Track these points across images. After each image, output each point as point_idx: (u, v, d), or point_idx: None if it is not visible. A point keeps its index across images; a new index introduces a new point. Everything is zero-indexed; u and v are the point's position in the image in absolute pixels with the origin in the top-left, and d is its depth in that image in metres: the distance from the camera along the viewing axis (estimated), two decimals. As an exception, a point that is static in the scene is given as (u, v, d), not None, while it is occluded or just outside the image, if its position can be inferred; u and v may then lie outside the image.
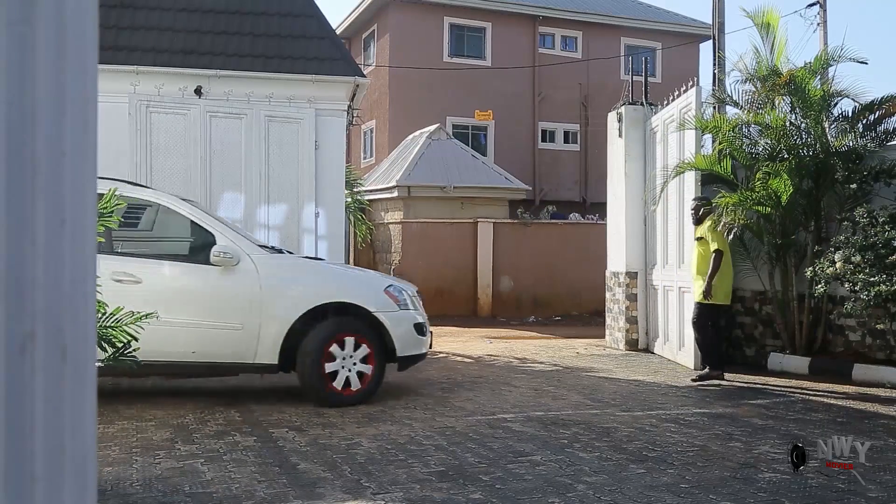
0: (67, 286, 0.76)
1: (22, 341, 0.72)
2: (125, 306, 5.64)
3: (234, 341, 6.54)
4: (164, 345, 6.27)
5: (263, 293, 6.58)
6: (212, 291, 6.59)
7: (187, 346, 6.45)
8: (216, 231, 6.68)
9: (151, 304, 5.91)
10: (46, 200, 0.74)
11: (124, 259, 6.44)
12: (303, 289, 6.77)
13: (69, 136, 0.77)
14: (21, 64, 0.73)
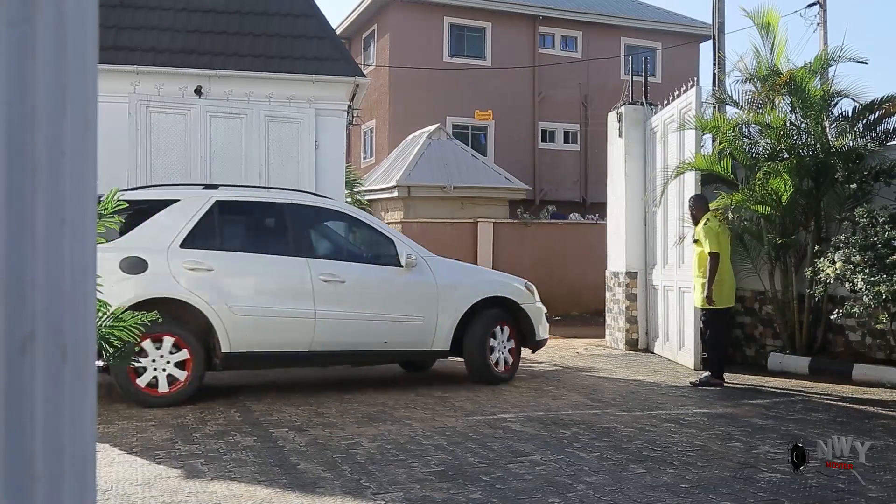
0: (67, 286, 0.76)
1: (22, 341, 0.72)
2: (332, 303, 7.00)
3: (417, 332, 7.49)
4: (362, 336, 7.24)
5: (439, 290, 7.58)
6: (399, 289, 7.49)
7: (380, 336, 7.32)
8: (394, 237, 7.74)
9: (353, 301, 7.17)
10: (46, 200, 0.74)
11: (330, 262, 7.30)
12: (467, 286, 7.84)
13: (69, 136, 0.76)
14: (21, 64, 0.73)
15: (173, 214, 6.78)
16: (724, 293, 7.91)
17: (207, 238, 6.84)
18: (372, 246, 7.82)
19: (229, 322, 6.67)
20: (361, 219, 7.90)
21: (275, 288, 7.04)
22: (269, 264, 7.04)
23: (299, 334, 6.97)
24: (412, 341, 7.52)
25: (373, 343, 7.33)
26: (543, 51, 25.03)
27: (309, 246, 7.28)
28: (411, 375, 8.59)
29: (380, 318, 7.29)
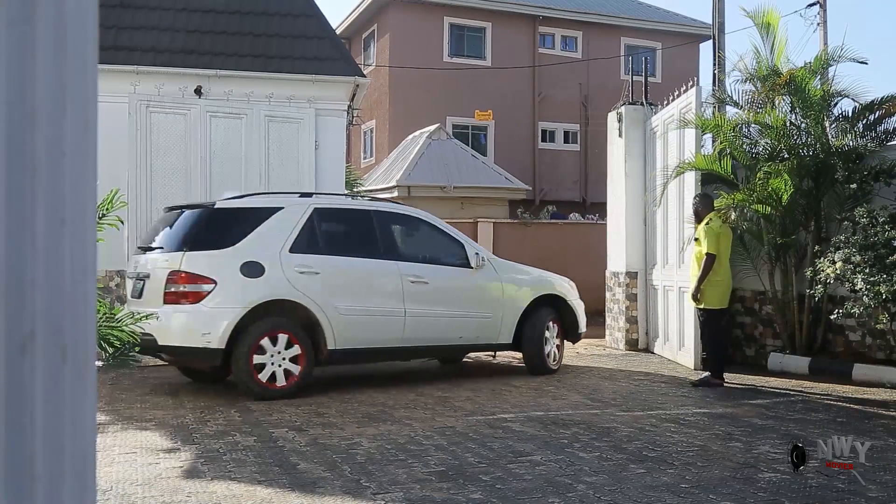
0: (67, 286, 0.76)
1: (22, 341, 0.72)
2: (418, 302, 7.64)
3: (486, 327, 8.15)
4: (442, 332, 7.89)
5: (503, 289, 8.29)
6: (471, 289, 8.15)
7: (456, 332, 7.99)
8: (464, 240, 8.36)
9: (435, 300, 7.82)
10: (46, 200, 0.74)
11: (415, 264, 7.85)
12: (526, 285, 8.54)
13: (69, 136, 0.76)
14: (21, 64, 0.73)
15: (280, 221, 7.22)
16: (719, 294, 7.90)
17: (310, 243, 7.30)
18: (445, 248, 8.30)
19: (335, 321, 7.16)
20: (435, 223, 8.37)
21: (372, 289, 7.57)
22: (365, 267, 7.58)
23: (391, 331, 7.54)
24: (482, 336, 8.20)
25: (450, 338, 8.01)
26: (543, 51, 25.03)
27: (396, 249, 7.86)
28: (411, 375, 8.59)
29: (456, 316, 7.97)
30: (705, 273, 7.77)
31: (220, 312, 6.77)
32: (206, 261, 6.87)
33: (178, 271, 6.80)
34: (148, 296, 7.00)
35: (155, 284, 6.95)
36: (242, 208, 7.33)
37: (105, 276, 9.15)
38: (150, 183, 9.34)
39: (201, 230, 7.09)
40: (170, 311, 6.83)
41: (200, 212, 7.28)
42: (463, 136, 23.15)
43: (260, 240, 7.06)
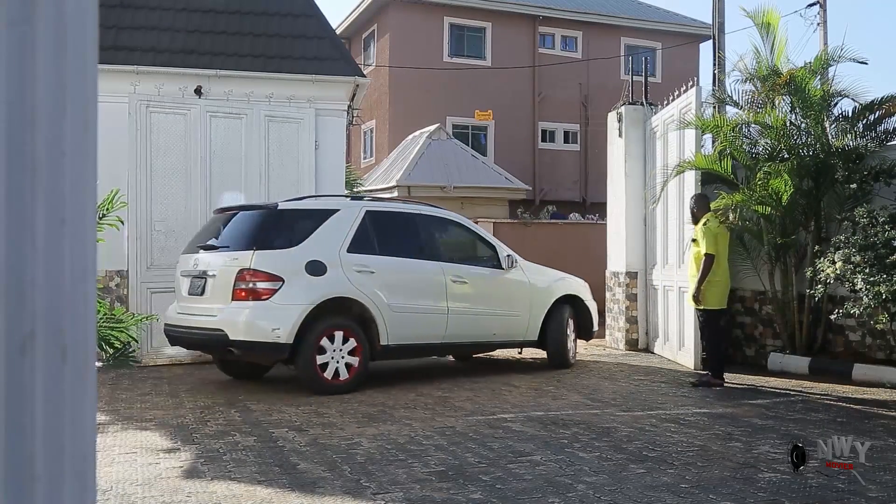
0: (67, 286, 0.76)
1: (22, 341, 0.72)
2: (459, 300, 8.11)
3: (516, 324, 8.67)
4: (479, 329, 8.35)
5: (531, 289, 8.80)
6: (503, 288, 8.62)
7: (491, 329, 8.47)
8: (495, 243, 8.90)
9: (473, 299, 8.33)
10: (46, 200, 0.74)
11: (455, 265, 8.31)
12: (550, 285, 9.08)
13: (69, 136, 0.76)
14: (21, 64, 0.73)
15: (337, 223, 7.59)
16: (718, 295, 7.89)
17: (364, 244, 7.66)
18: (479, 250, 8.83)
19: (388, 318, 7.54)
20: (470, 227, 8.89)
21: (420, 288, 7.95)
22: (414, 267, 7.99)
23: (436, 328, 7.97)
24: (512, 333, 8.70)
25: (486, 335, 8.49)
26: (543, 51, 25.02)
27: (438, 250, 8.28)
28: (411, 376, 8.59)
29: (491, 314, 8.48)
30: (705, 274, 7.76)
31: (289, 309, 7.05)
32: (274, 259, 7.15)
33: (248, 269, 7.05)
34: (213, 293, 7.24)
35: (222, 282, 7.18)
36: (303, 209, 7.75)
37: (105, 276, 9.14)
38: (150, 183, 9.33)
39: (266, 230, 7.39)
40: (239, 307, 7.05)
41: (265, 213, 7.56)
42: (463, 136, 23.14)
43: (321, 240, 7.40)
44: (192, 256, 7.65)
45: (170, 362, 9.23)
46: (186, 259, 7.77)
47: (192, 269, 7.57)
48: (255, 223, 7.47)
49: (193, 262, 7.56)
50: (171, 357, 9.29)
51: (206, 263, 7.41)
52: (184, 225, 9.43)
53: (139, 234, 9.25)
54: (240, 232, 7.51)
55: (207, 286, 7.32)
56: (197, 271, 7.46)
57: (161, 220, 9.36)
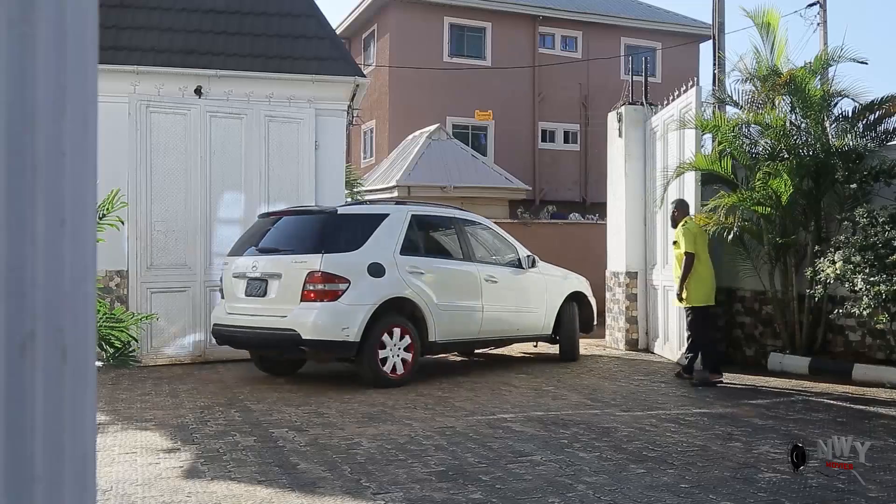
0: (67, 286, 0.76)
1: (22, 341, 0.72)
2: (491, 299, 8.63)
3: (534, 320, 9.30)
4: (506, 324, 8.94)
5: (546, 287, 9.45)
6: (525, 287, 9.21)
7: (516, 325, 9.10)
8: (516, 244, 9.47)
9: (502, 297, 8.83)
10: (46, 200, 0.74)
11: (486, 265, 8.86)
12: (562, 283, 9.76)
13: (69, 136, 0.76)
14: (21, 64, 0.73)
15: (389, 226, 8.04)
16: (703, 292, 8.06)
17: (413, 246, 8.17)
18: (503, 251, 9.39)
19: (436, 315, 8.05)
20: (495, 228, 9.55)
21: (461, 287, 8.47)
22: (455, 268, 8.56)
23: (473, 324, 8.50)
24: (532, 327, 9.33)
25: (511, 330, 9.08)
26: (543, 51, 25.01)
27: (472, 252, 8.81)
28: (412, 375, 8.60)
29: (516, 311, 9.08)
30: (686, 271, 8.02)
31: (356, 309, 7.46)
32: (341, 262, 7.51)
33: (317, 272, 7.39)
34: (279, 294, 7.55)
35: (289, 284, 7.50)
36: (359, 214, 8.22)
37: (105, 276, 9.14)
38: (150, 183, 9.33)
39: (330, 234, 7.73)
40: (309, 307, 7.39)
41: (326, 217, 7.91)
42: (463, 136, 23.13)
43: (378, 243, 7.84)
44: (249, 259, 7.90)
45: (170, 362, 9.23)
46: (239, 261, 8.02)
47: (249, 271, 7.83)
48: (317, 227, 7.82)
49: (252, 265, 7.81)
50: (171, 357, 9.29)
51: (268, 266, 7.70)
52: (184, 225, 9.43)
53: (139, 234, 9.24)
54: (301, 235, 7.87)
55: (270, 288, 7.64)
56: (257, 273, 7.75)
57: (161, 220, 9.36)
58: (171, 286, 9.38)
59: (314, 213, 8.10)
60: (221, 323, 8.07)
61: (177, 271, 9.40)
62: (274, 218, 8.29)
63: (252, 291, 7.78)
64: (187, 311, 9.40)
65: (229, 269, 8.14)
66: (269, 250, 7.85)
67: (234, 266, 8.05)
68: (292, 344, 7.44)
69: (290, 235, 7.99)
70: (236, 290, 7.96)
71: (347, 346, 7.45)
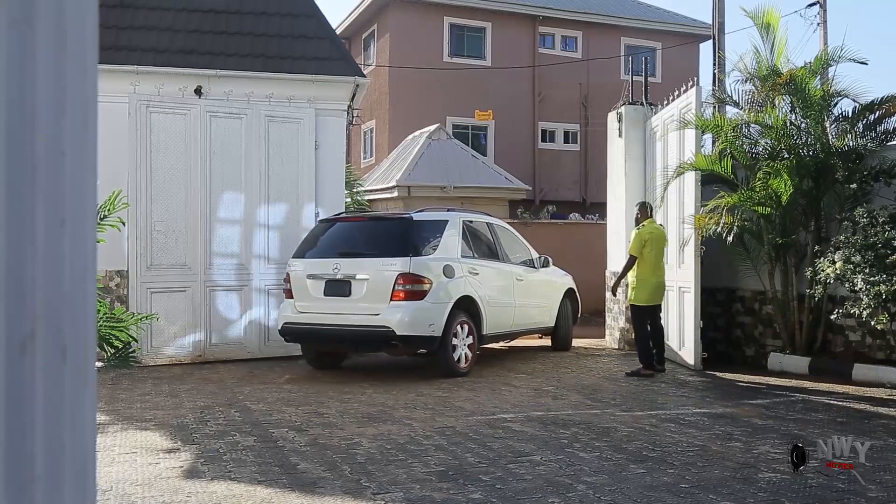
0: (67, 286, 0.76)
1: (22, 341, 0.72)
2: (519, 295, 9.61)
3: (546, 313, 10.44)
4: (528, 318, 9.94)
5: (552, 284, 10.63)
6: (539, 284, 10.29)
7: (534, 318, 10.14)
8: (528, 247, 10.43)
9: (527, 294, 9.81)
10: (46, 200, 0.74)
11: (514, 266, 9.80)
12: (561, 280, 10.91)
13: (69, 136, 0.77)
14: (21, 64, 0.73)
15: (451, 232, 8.79)
16: (645, 293, 8.67)
17: (467, 250, 8.96)
18: (521, 252, 10.25)
19: (487, 311, 8.84)
20: (514, 233, 10.51)
21: (502, 286, 9.39)
22: (497, 268, 9.39)
23: (508, 319, 9.42)
24: (543, 320, 10.39)
25: (530, 322, 10.06)
26: (543, 51, 25.01)
27: (504, 254, 9.72)
28: (411, 376, 8.59)
29: (534, 305, 10.10)
30: (624, 271, 8.97)
31: (438, 307, 8.16)
32: (425, 264, 8.21)
33: (407, 273, 8.04)
34: (366, 294, 8.15)
35: (378, 284, 8.10)
36: (430, 220, 8.84)
37: (105, 276, 9.14)
38: (150, 183, 9.33)
39: (412, 239, 8.39)
40: (400, 306, 8.02)
41: (406, 223, 8.55)
42: (463, 136, 23.13)
43: (446, 246, 8.61)
44: (328, 261, 8.40)
45: (170, 362, 9.23)
46: (313, 263, 8.51)
47: (329, 273, 8.32)
48: (399, 232, 8.47)
49: (333, 267, 8.30)
50: (171, 357, 9.29)
51: (353, 268, 8.25)
52: (184, 225, 9.43)
53: (139, 234, 9.24)
54: (384, 240, 8.51)
55: (355, 288, 8.21)
56: (340, 275, 8.26)
57: (161, 220, 9.35)
58: (171, 286, 9.37)
59: (394, 220, 8.90)
60: (293, 321, 8.48)
61: (177, 271, 9.40)
62: (343, 223, 8.97)
63: (333, 291, 8.29)
64: (187, 311, 9.40)
65: (300, 271, 8.55)
66: (351, 253, 8.41)
67: (307, 267, 8.50)
68: (385, 339, 8.08)
69: (371, 240, 8.59)
70: (312, 291, 8.42)
71: (432, 341, 8.13)
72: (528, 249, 10.33)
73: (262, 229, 9.74)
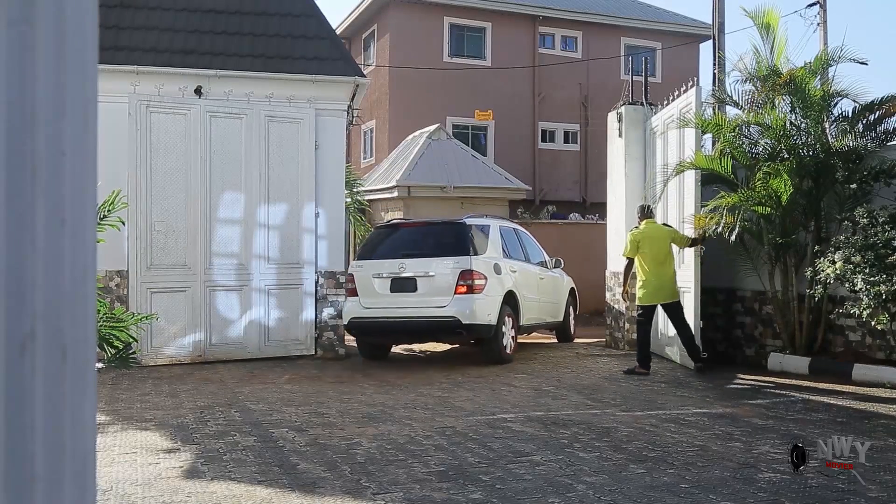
0: (67, 286, 0.76)
1: (22, 341, 0.72)
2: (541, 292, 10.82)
3: (556, 309, 11.56)
4: (547, 313, 11.18)
5: (561, 283, 11.87)
6: (553, 282, 11.52)
7: (551, 312, 11.32)
8: (542, 250, 11.67)
9: (545, 291, 11.03)
10: (46, 200, 0.74)
11: (537, 266, 11.03)
12: (566, 280, 12.11)
13: (69, 136, 0.77)
14: (21, 64, 0.73)
15: (493, 234, 10.11)
16: (643, 292, 8.88)
17: (505, 250, 10.18)
18: (537, 253, 11.42)
19: (523, 305, 10.08)
20: (531, 236, 11.76)
21: (531, 283, 10.58)
22: (526, 267, 10.59)
23: (536, 313, 10.68)
24: (556, 315, 11.57)
25: (548, 316, 11.26)
26: (543, 51, 25.00)
27: (528, 255, 10.94)
28: (411, 375, 8.59)
29: (551, 301, 11.34)
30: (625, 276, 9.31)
31: (493, 300, 9.34)
32: (482, 263, 9.38)
33: (469, 270, 9.17)
34: (431, 289, 9.24)
35: (443, 281, 9.23)
36: (479, 224, 10.05)
37: (105, 276, 9.14)
38: (150, 183, 9.33)
39: (469, 240, 9.48)
40: (463, 299, 9.13)
41: (461, 227, 9.70)
42: (463, 136, 23.12)
43: (493, 247, 9.88)
44: (393, 261, 9.46)
45: (170, 362, 9.23)
46: (378, 263, 9.54)
47: (395, 272, 9.39)
48: (458, 235, 9.57)
49: (399, 266, 9.39)
50: (171, 357, 9.29)
51: (419, 266, 9.34)
52: (184, 225, 9.43)
53: (139, 234, 9.24)
54: (444, 242, 9.60)
55: (420, 284, 9.28)
56: (407, 273, 9.33)
57: (161, 220, 9.35)
58: (171, 286, 9.38)
59: (450, 224, 9.99)
60: (360, 316, 9.41)
61: (177, 271, 9.40)
62: (406, 227, 10.33)
63: (399, 288, 9.35)
64: (187, 311, 9.41)
65: (365, 271, 9.56)
66: (415, 254, 9.48)
67: (372, 268, 9.52)
68: (451, 328, 9.17)
69: (431, 242, 9.71)
70: (378, 288, 9.43)
71: (489, 329, 9.26)
72: (541, 252, 11.44)
73: (262, 229, 9.74)
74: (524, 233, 11.47)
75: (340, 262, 10.22)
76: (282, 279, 9.81)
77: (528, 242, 11.21)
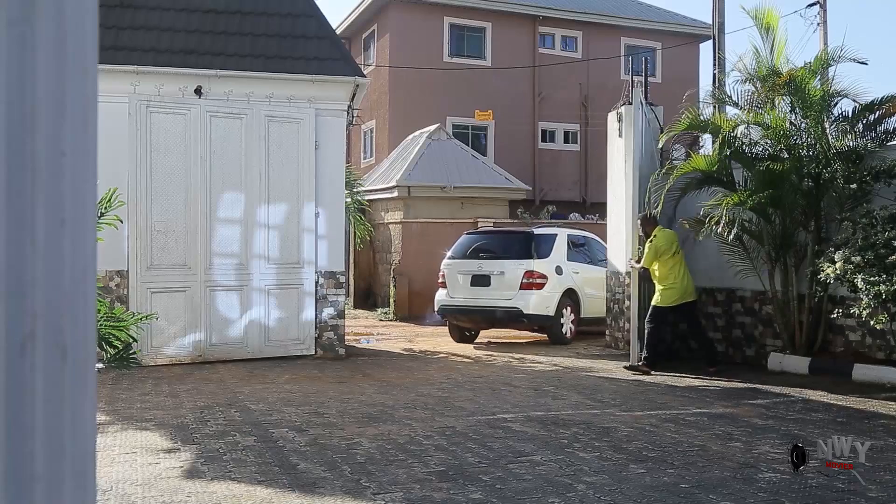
0: (67, 286, 0.76)
1: (22, 341, 0.72)
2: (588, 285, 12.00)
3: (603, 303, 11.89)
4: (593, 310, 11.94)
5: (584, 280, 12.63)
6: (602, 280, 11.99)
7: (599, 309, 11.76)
8: None
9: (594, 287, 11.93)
10: (46, 200, 0.74)
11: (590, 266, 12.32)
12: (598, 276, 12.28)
13: (69, 136, 0.77)
14: (21, 64, 0.73)
15: (559, 241, 12.05)
16: (671, 296, 9.00)
17: (569, 255, 12.04)
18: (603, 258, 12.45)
19: (583, 300, 11.92)
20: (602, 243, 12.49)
21: (588, 281, 12.02)
22: (585, 268, 12.20)
23: (588, 307, 11.99)
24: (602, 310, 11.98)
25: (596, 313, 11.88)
26: (543, 51, 25.01)
27: (594, 259, 12.41)
28: (411, 375, 8.59)
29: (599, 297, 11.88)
30: None
31: (552, 295, 11.42)
32: (544, 265, 11.51)
33: (532, 271, 11.34)
34: (501, 285, 11.39)
35: (511, 278, 11.37)
36: (545, 234, 12.22)
37: (105, 276, 9.14)
38: (150, 183, 9.32)
39: (534, 246, 11.66)
40: (526, 293, 11.24)
41: (529, 235, 12.00)
42: (463, 136, 23.13)
43: (556, 252, 11.86)
44: (473, 261, 11.78)
45: (170, 362, 9.23)
46: (464, 262, 11.87)
47: (474, 269, 11.70)
48: (525, 241, 11.80)
49: (478, 266, 11.71)
50: (171, 357, 9.29)
51: (493, 266, 11.59)
52: (184, 225, 9.42)
53: (139, 234, 9.24)
54: (514, 246, 11.77)
55: (493, 280, 11.46)
56: (483, 271, 11.61)
57: (161, 220, 9.35)
58: (171, 286, 9.37)
59: (520, 233, 12.43)
60: (447, 304, 11.80)
61: (177, 271, 9.40)
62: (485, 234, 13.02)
63: (477, 283, 11.59)
64: (187, 311, 9.40)
65: (454, 268, 11.91)
66: (491, 255, 11.73)
67: (458, 265, 11.90)
68: (516, 317, 11.30)
69: (505, 246, 11.91)
70: (461, 282, 11.75)
71: (548, 319, 11.40)
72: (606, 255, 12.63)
73: (262, 229, 9.73)
74: (595, 240, 12.87)
75: (340, 262, 10.21)
76: (282, 279, 9.81)
77: (596, 248, 12.72)
